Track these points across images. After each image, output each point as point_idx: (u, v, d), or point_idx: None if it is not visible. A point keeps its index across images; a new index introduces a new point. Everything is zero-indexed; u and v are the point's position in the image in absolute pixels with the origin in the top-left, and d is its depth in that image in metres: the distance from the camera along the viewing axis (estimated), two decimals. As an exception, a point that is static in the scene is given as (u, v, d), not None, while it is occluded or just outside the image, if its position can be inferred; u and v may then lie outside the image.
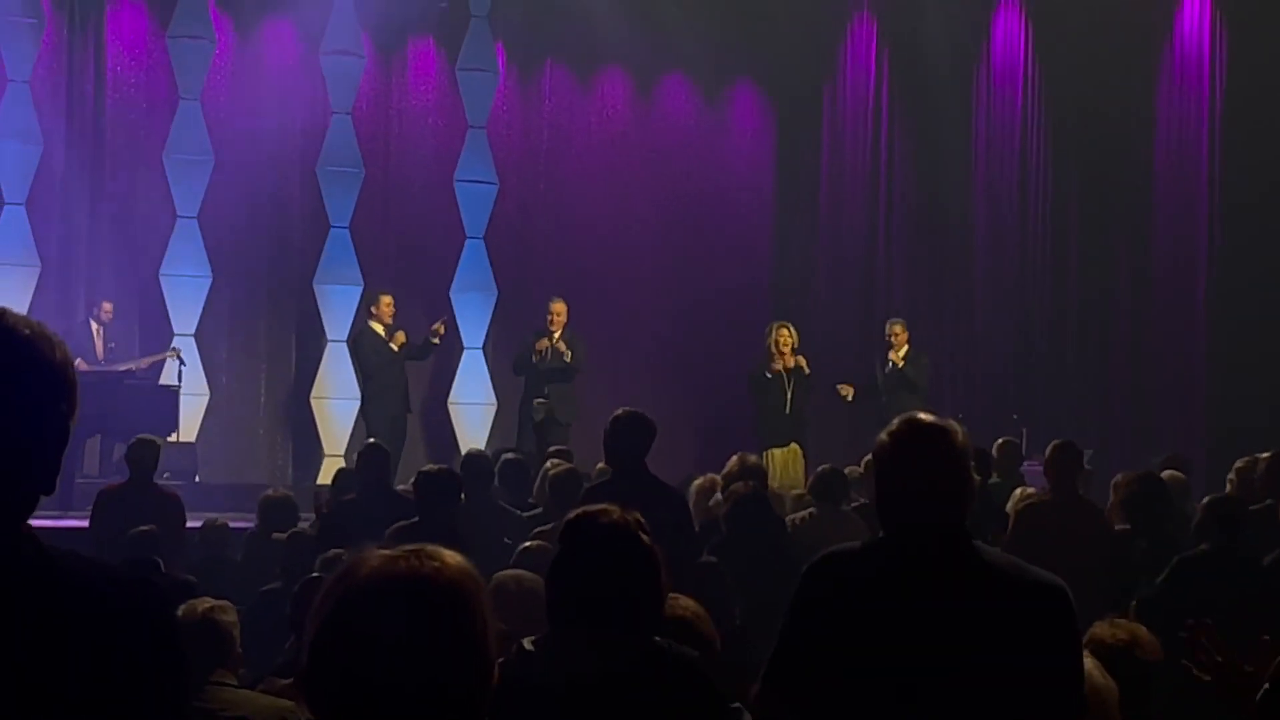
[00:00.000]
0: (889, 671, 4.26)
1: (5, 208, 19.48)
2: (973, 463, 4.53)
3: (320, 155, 20.76)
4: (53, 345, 2.67)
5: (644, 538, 4.44)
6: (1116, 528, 10.20)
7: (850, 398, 18.78)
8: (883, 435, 4.47)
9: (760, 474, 11.16)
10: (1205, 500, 9.22)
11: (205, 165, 20.24)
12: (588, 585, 4.37)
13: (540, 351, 18.22)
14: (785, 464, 17.42)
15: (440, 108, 21.35)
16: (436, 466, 10.99)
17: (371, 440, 13.46)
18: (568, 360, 18.11)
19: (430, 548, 2.64)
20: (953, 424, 4.49)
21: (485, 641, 2.60)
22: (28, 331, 2.66)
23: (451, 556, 2.64)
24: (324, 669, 2.57)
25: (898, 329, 18.57)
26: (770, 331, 18.09)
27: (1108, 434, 20.72)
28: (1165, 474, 11.41)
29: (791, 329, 18.11)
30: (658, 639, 4.41)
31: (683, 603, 5.31)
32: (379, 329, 18.46)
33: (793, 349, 17.94)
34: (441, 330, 18.64)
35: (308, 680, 2.60)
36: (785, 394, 17.75)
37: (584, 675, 4.24)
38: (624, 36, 21.50)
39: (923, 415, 4.55)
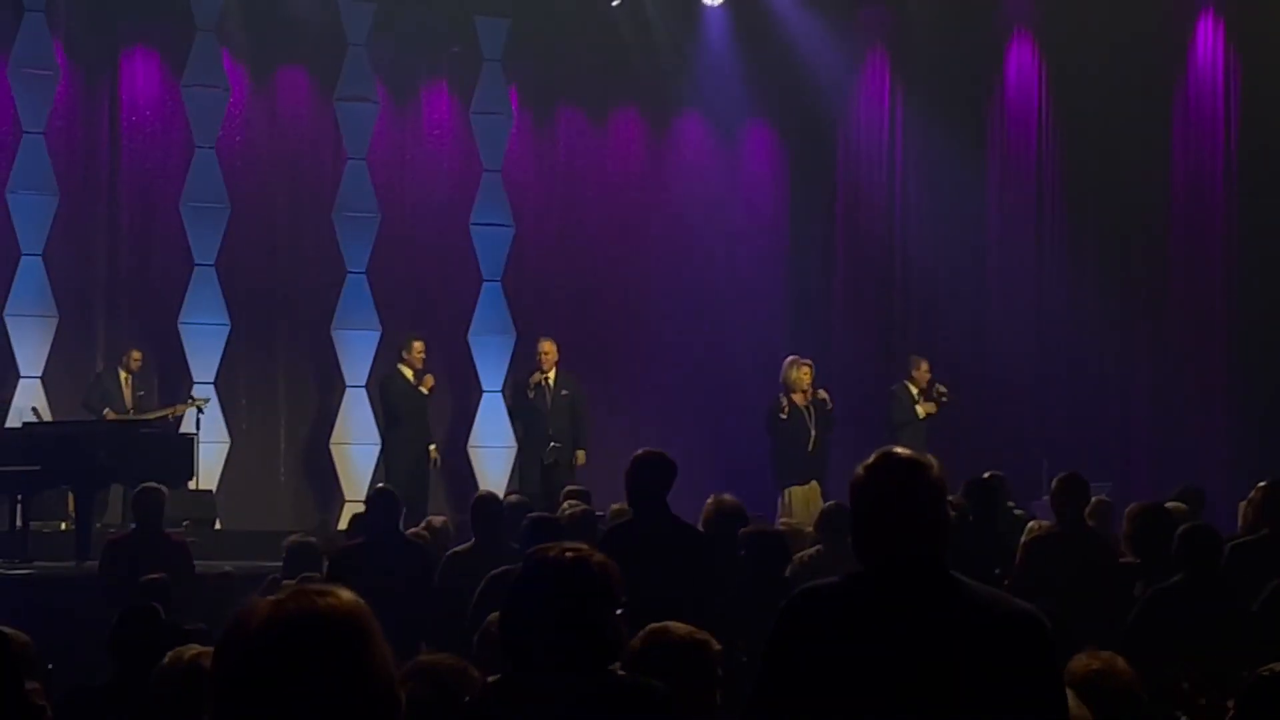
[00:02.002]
0: (867, 707, 4.23)
1: (23, 258, 19.55)
2: (972, 497, 4.51)
3: (336, 201, 20.83)
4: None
5: (598, 571, 4.43)
6: (1124, 559, 10.16)
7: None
8: (859, 469, 4.45)
9: (740, 514, 11.03)
10: (1179, 530, 9.16)
11: (222, 213, 20.31)
12: (540, 621, 4.36)
13: (533, 385, 18.29)
14: (806, 502, 17.37)
15: (455, 152, 21.41)
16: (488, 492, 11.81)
17: (381, 485, 13.45)
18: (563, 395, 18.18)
19: (322, 585, 2.63)
20: (929, 458, 4.48)
21: (387, 670, 2.59)
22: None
23: (342, 590, 2.63)
24: (226, 716, 2.55)
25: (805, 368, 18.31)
26: (787, 369, 18.03)
27: (1129, 466, 20.63)
28: (1169, 505, 11.36)
29: (810, 365, 18.08)
30: (620, 673, 4.40)
31: (678, 628, 5.31)
32: (408, 373, 18.48)
33: (812, 383, 17.92)
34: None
35: None
36: (809, 430, 17.73)
37: (542, 711, 4.23)
38: (637, 78, 21.57)
39: (898, 449, 4.54)
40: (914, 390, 19.19)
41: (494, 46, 21.51)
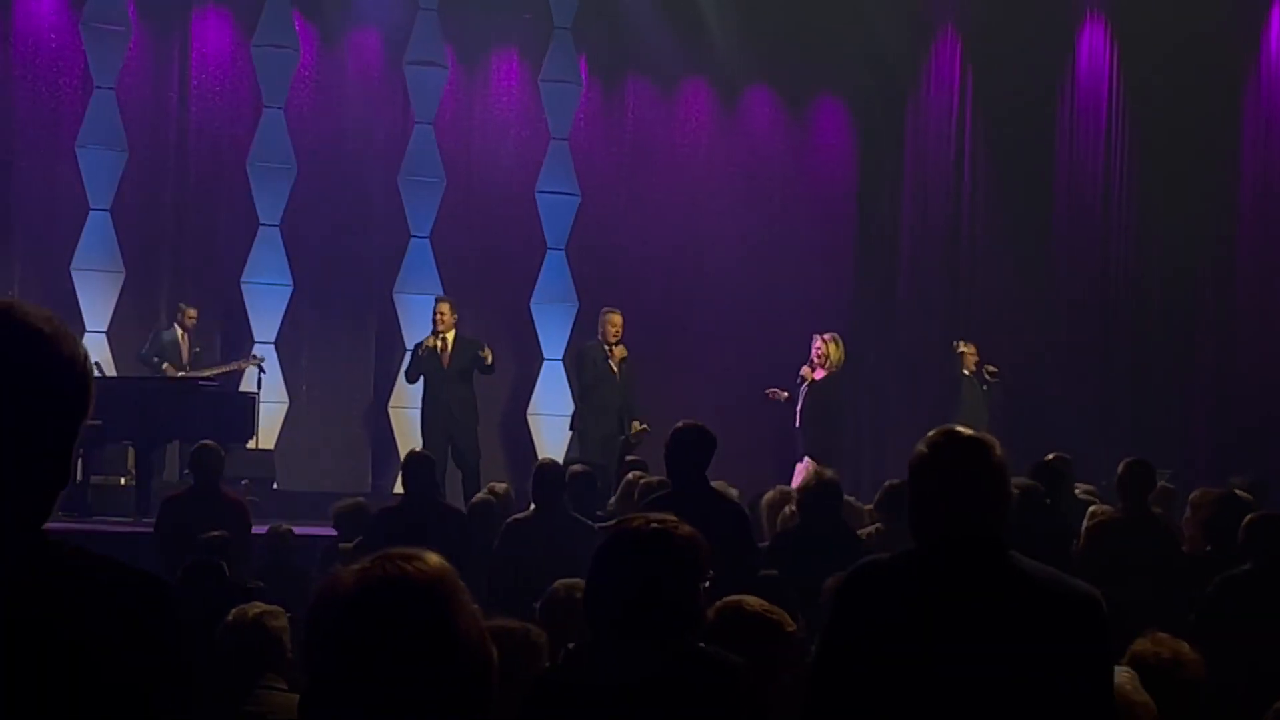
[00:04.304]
0: (924, 684, 4.23)
1: (91, 213, 19.64)
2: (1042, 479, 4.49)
3: (402, 165, 20.85)
4: (68, 340, 2.64)
5: (684, 544, 4.42)
6: (1193, 547, 10.09)
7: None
8: (920, 446, 4.44)
9: (838, 490, 11.05)
10: (1246, 519, 9.08)
11: (288, 174, 20.37)
12: (624, 591, 4.36)
13: (614, 360, 17.92)
14: None
15: (522, 119, 21.39)
16: (550, 459, 11.75)
17: (415, 449, 13.47)
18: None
19: (407, 550, 2.62)
20: (990, 437, 4.45)
21: (478, 631, 2.58)
22: (44, 327, 2.62)
23: (430, 555, 2.62)
24: (323, 690, 2.56)
25: (823, 345, 18.14)
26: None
27: (1191, 452, 20.51)
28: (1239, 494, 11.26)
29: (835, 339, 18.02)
30: (701, 645, 4.40)
31: (752, 603, 5.30)
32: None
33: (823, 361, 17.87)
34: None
35: (310, 701, 2.59)
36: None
37: (625, 681, 4.23)
38: (707, 50, 21.50)
39: (960, 427, 4.54)
40: (967, 374, 19.20)
41: (565, 14, 21.48)
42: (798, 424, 17.83)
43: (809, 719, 4.44)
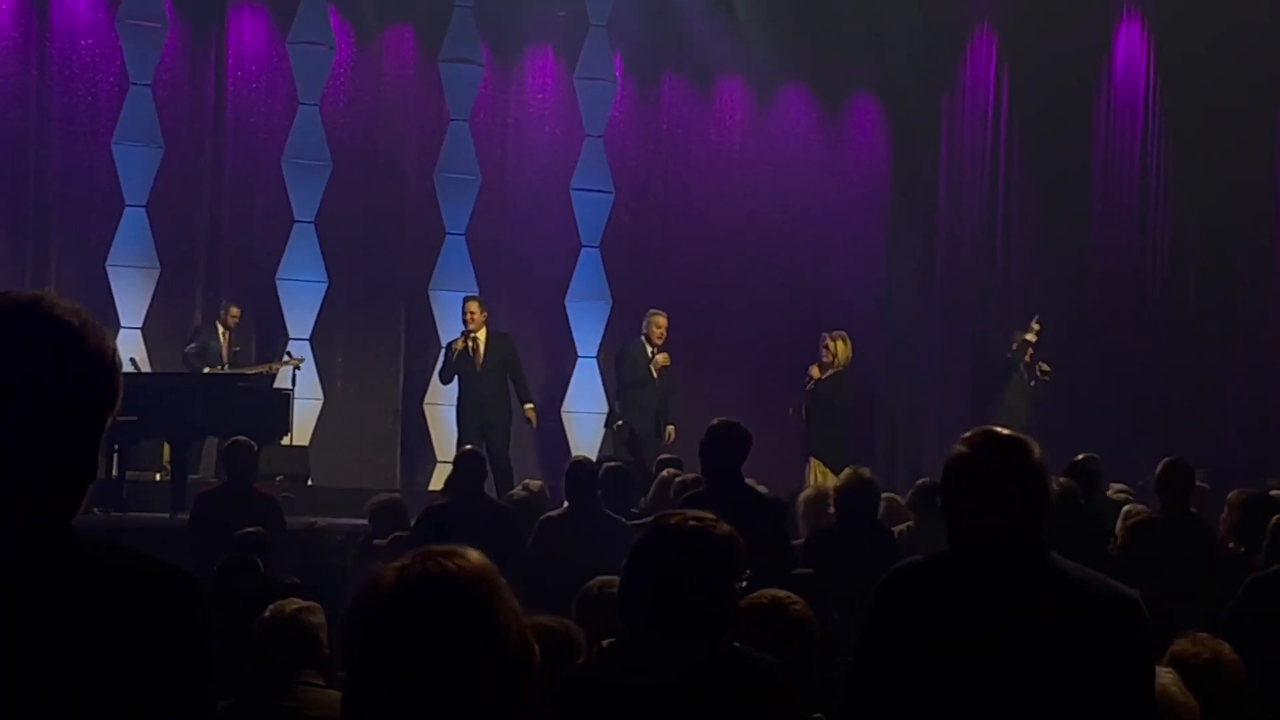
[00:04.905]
0: (965, 686, 4.21)
1: (126, 209, 19.69)
2: (1078, 479, 4.46)
3: (437, 162, 20.86)
4: (96, 332, 2.64)
5: (722, 542, 4.40)
6: (1229, 547, 10.04)
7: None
8: (959, 446, 4.40)
9: (875, 488, 11.04)
10: (1272, 521, 9.03)
11: (323, 170, 20.39)
12: (660, 589, 4.34)
13: (656, 365, 17.80)
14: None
15: (557, 116, 21.38)
16: (583, 457, 11.80)
17: (467, 447, 13.44)
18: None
19: (448, 547, 2.63)
20: (1028, 438, 4.41)
21: (519, 627, 2.58)
22: (72, 319, 2.62)
23: (471, 552, 2.63)
24: (365, 686, 2.56)
25: (830, 343, 18.03)
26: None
27: (1228, 451, 20.45)
28: (1275, 494, 11.21)
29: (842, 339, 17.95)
30: (736, 644, 4.38)
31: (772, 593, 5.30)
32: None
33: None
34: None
35: (351, 698, 2.61)
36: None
37: (659, 679, 4.22)
38: (743, 48, 21.47)
39: (999, 428, 4.51)
40: (1026, 360, 19.21)
41: (600, 12, 21.46)
42: (804, 422, 17.80)
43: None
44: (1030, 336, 19.40)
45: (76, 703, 2.49)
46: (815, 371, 17.79)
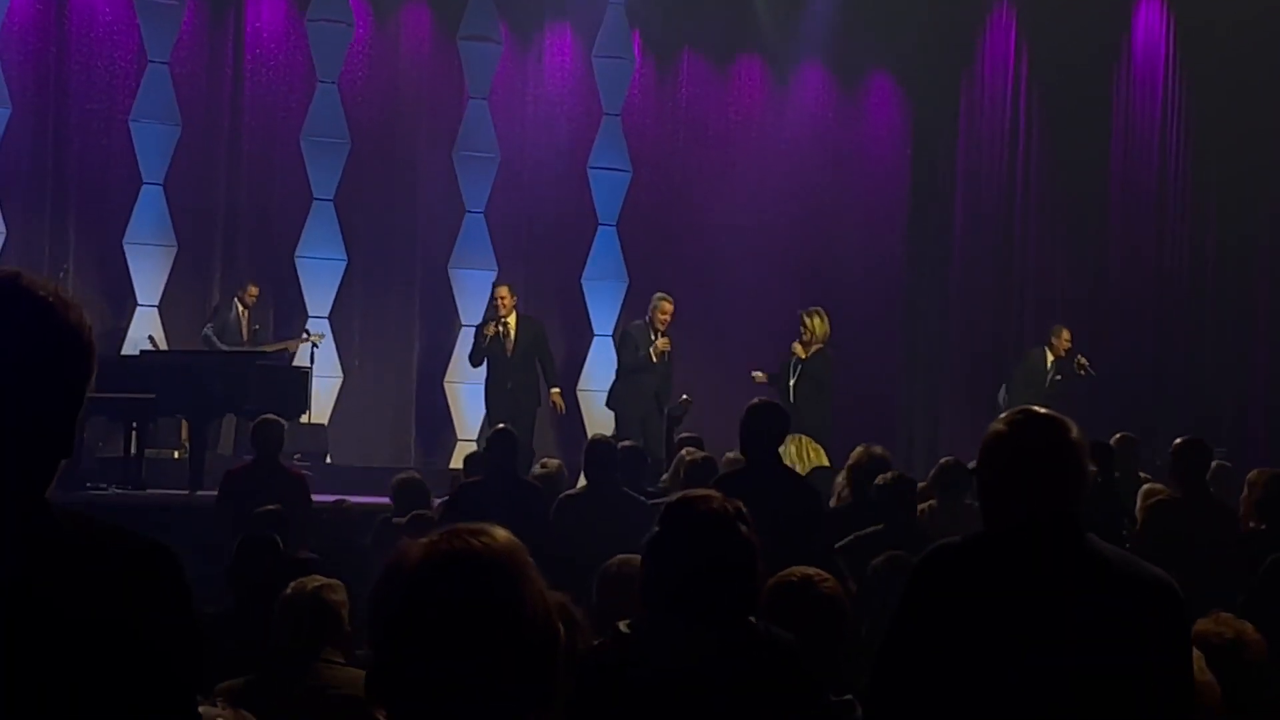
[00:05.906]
0: (1000, 668, 4.19)
1: (144, 187, 19.67)
2: (1096, 458, 4.44)
3: (456, 140, 20.83)
4: (69, 308, 2.65)
5: (742, 526, 4.40)
6: (1251, 526, 10.03)
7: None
8: (998, 425, 4.38)
9: (887, 464, 11.04)
10: None
11: (342, 148, 20.38)
12: (684, 570, 4.34)
13: (657, 351, 17.75)
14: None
15: (575, 95, 21.36)
16: (602, 435, 11.94)
17: (501, 425, 13.43)
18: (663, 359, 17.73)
19: (475, 525, 2.64)
20: (1067, 418, 4.39)
21: (545, 605, 2.58)
22: (45, 295, 2.64)
23: (498, 530, 2.63)
24: (390, 664, 2.57)
25: (806, 320, 17.83)
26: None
27: (1250, 430, 20.43)
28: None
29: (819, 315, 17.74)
30: (754, 621, 4.37)
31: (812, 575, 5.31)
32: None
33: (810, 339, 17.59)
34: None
35: (376, 676, 2.61)
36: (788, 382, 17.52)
37: (679, 659, 4.21)
38: (761, 26, 21.44)
39: (1038, 408, 4.48)
40: (1050, 358, 19.01)
41: (619, -10, 21.47)
42: (792, 400, 17.56)
43: (875, 702, 4.40)
44: (1063, 350, 19.09)
45: (61, 678, 2.50)
46: (799, 350, 17.52)
